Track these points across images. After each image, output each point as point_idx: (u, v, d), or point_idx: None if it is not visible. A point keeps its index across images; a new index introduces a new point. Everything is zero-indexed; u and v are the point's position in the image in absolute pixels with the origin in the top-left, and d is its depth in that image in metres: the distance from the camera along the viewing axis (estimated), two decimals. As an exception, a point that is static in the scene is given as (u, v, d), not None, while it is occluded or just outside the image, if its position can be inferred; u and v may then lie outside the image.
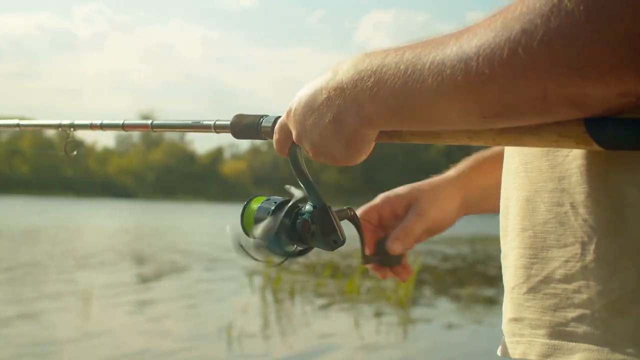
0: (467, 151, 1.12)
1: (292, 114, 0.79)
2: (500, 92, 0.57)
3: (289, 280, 10.23)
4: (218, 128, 0.95)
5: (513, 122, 0.62)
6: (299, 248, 0.85)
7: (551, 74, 0.54)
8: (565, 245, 0.66)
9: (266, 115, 0.89)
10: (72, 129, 1.20)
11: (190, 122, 1.00)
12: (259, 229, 0.82)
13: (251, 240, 0.82)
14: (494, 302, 9.57)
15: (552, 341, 0.67)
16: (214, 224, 29.91)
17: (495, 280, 12.03)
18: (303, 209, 0.84)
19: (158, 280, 10.79)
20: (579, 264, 0.65)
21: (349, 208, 0.90)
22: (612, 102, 0.54)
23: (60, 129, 1.20)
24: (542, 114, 0.58)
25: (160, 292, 9.58)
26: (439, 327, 7.63)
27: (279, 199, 0.86)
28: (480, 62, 0.57)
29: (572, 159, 0.66)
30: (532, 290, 0.70)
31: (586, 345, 0.64)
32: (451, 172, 1.13)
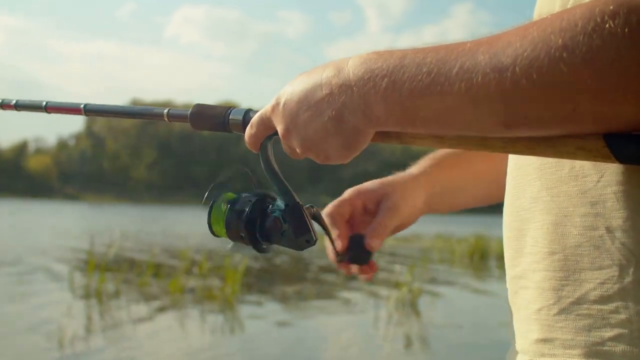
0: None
1: (280, 108, 0.75)
2: (531, 103, 0.57)
3: (113, 280, 9.80)
4: (172, 117, 0.88)
5: (533, 133, 0.62)
6: (263, 246, 0.82)
7: (589, 90, 0.54)
8: (601, 268, 0.66)
9: (233, 107, 0.85)
10: None
11: (137, 108, 0.93)
12: (228, 228, 0.81)
13: (222, 238, 0.82)
14: (320, 298, 9.78)
15: None
16: (22, 221, 28.16)
17: (318, 276, 12.30)
18: (273, 206, 0.81)
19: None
20: (616, 286, 0.65)
21: (311, 206, 0.87)
22: (639, 120, 0.56)
23: None
24: (566, 127, 0.59)
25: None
26: (268, 325, 7.65)
27: (252, 197, 0.83)
28: (517, 73, 0.56)
29: (606, 184, 0.66)
30: (563, 311, 0.69)
31: None
32: (414, 169, 1.13)
